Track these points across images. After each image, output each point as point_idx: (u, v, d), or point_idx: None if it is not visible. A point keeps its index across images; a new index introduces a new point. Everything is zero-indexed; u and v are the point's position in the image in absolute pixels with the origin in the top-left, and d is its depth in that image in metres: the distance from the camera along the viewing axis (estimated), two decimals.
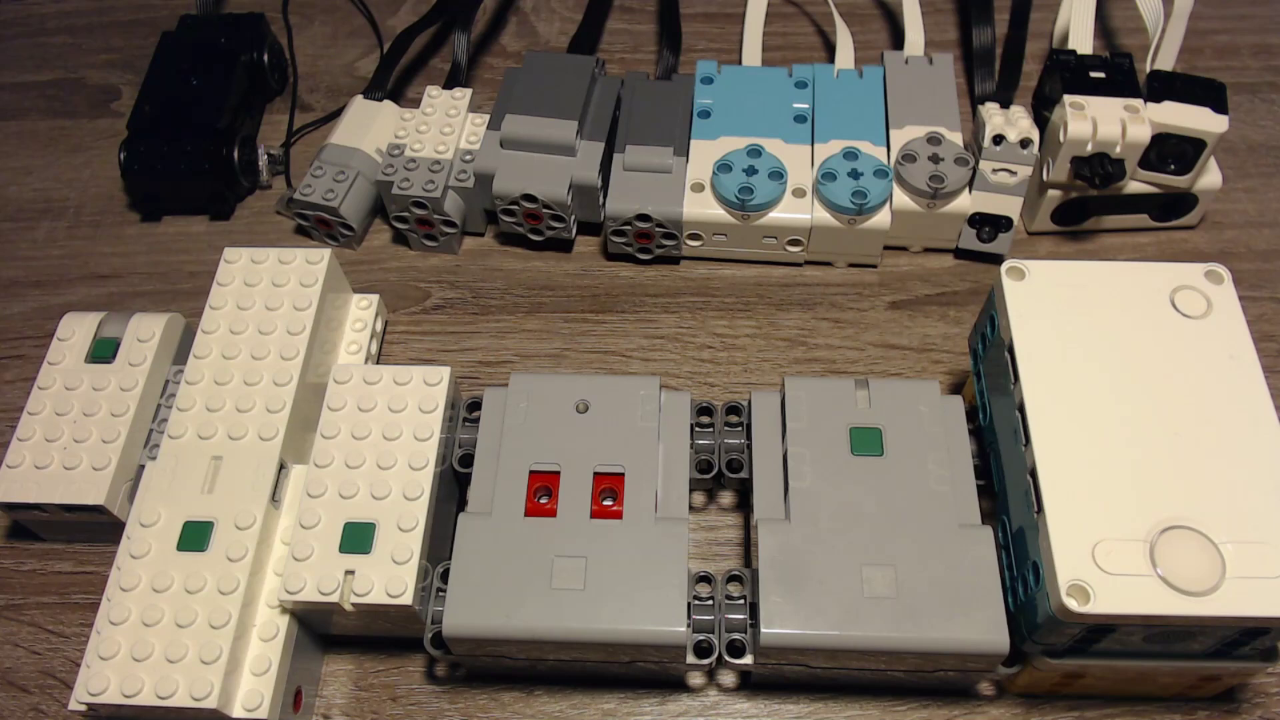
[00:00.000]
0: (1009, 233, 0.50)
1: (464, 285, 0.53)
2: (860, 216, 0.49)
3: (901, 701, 0.40)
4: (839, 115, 0.52)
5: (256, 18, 0.60)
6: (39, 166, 0.59)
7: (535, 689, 0.41)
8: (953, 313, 0.50)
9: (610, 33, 0.64)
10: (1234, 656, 0.35)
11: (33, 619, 0.43)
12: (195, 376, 0.42)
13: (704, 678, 0.41)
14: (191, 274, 0.54)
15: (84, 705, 0.36)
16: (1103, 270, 0.39)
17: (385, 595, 0.36)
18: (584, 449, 0.39)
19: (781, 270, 0.52)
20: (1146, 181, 0.50)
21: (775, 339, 0.50)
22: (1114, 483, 0.34)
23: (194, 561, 0.37)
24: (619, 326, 0.51)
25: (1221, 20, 0.63)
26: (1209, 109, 0.48)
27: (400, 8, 0.66)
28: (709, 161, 0.50)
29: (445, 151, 0.51)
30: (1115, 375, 0.36)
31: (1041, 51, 0.60)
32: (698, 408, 0.42)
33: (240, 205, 0.57)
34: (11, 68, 0.65)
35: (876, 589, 0.35)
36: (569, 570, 0.36)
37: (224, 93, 0.55)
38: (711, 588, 0.38)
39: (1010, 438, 0.37)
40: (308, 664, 0.40)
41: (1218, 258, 0.51)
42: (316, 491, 0.39)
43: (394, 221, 0.52)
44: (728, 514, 0.45)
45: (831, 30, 0.59)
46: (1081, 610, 0.31)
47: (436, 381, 0.41)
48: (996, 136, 0.49)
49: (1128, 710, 0.39)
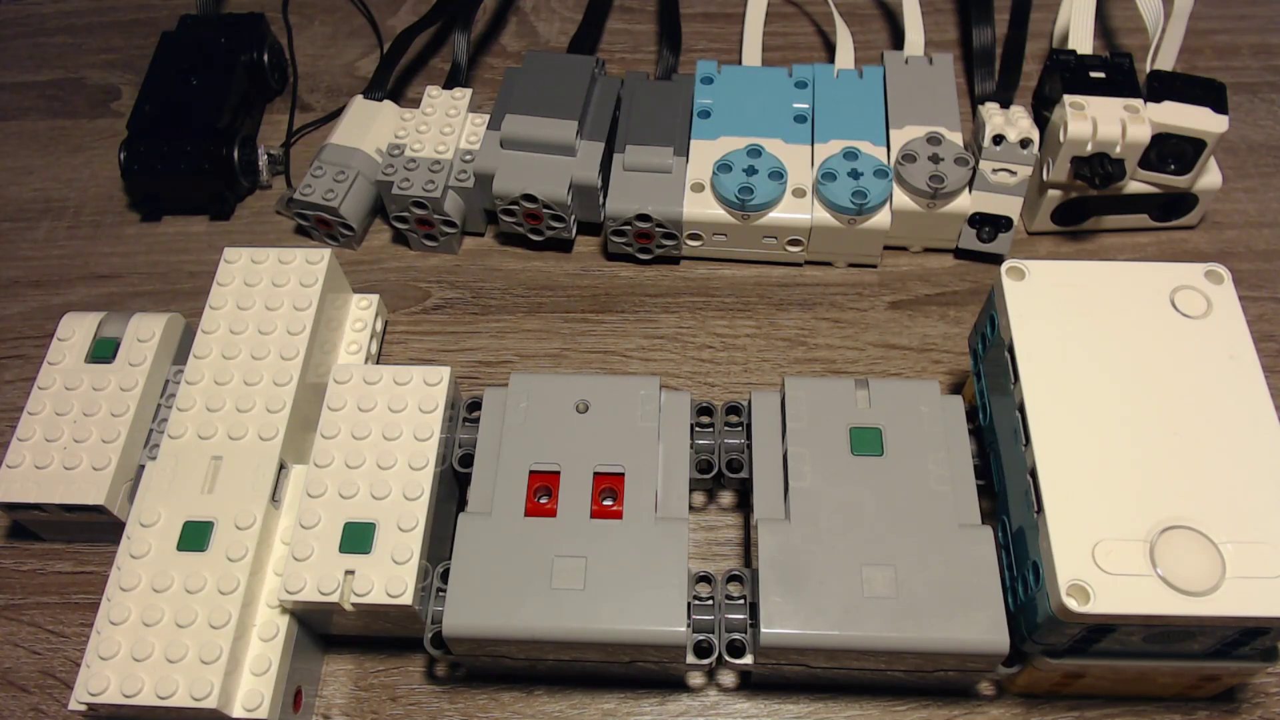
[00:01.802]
0: (1009, 233, 0.50)
1: (464, 285, 0.53)
2: (860, 216, 0.49)
3: (901, 701, 0.40)
4: (839, 115, 0.52)
5: (256, 18, 0.60)
6: (39, 166, 0.59)
7: (535, 689, 0.41)
8: (953, 313, 0.50)
9: (610, 33, 0.64)
10: (1234, 656, 0.35)
11: (33, 619, 0.43)
12: (195, 376, 0.42)
13: (704, 678, 0.41)
14: (191, 274, 0.54)
15: (84, 705, 0.36)
16: (1103, 270, 0.39)
17: (385, 595, 0.36)
18: (584, 449, 0.39)
19: (781, 270, 0.52)
20: (1146, 181, 0.50)
21: (775, 339, 0.50)
22: (1114, 483, 0.34)
23: (194, 561, 0.37)
24: (619, 326, 0.51)
25: (1221, 20, 0.63)
26: (1209, 109, 0.48)
27: (400, 8, 0.66)
28: (709, 161, 0.50)
29: (445, 151, 0.51)
30: (1115, 375, 0.36)
31: (1041, 51, 0.60)
32: (698, 408, 0.42)
33: (240, 205, 0.57)
34: (11, 68, 0.65)
35: (876, 589, 0.35)
36: (569, 570, 0.36)
37: (224, 93, 0.55)
38: (711, 588, 0.38)
39: (1010, 438, 0.37)
40: (308, 664, 0.40)
41: (1218, 258, 0.51)
42: (316, 491, 0.39)
43: (394, 221, 0.52)
44: (728, 514, 0.45)
45: (831, 30, 0.59)
46: (1081, 610, 0.31)
47: (436, 381, 0.41)
48: (996, 136, 0.49)
49: (1128, 710, 0.39)
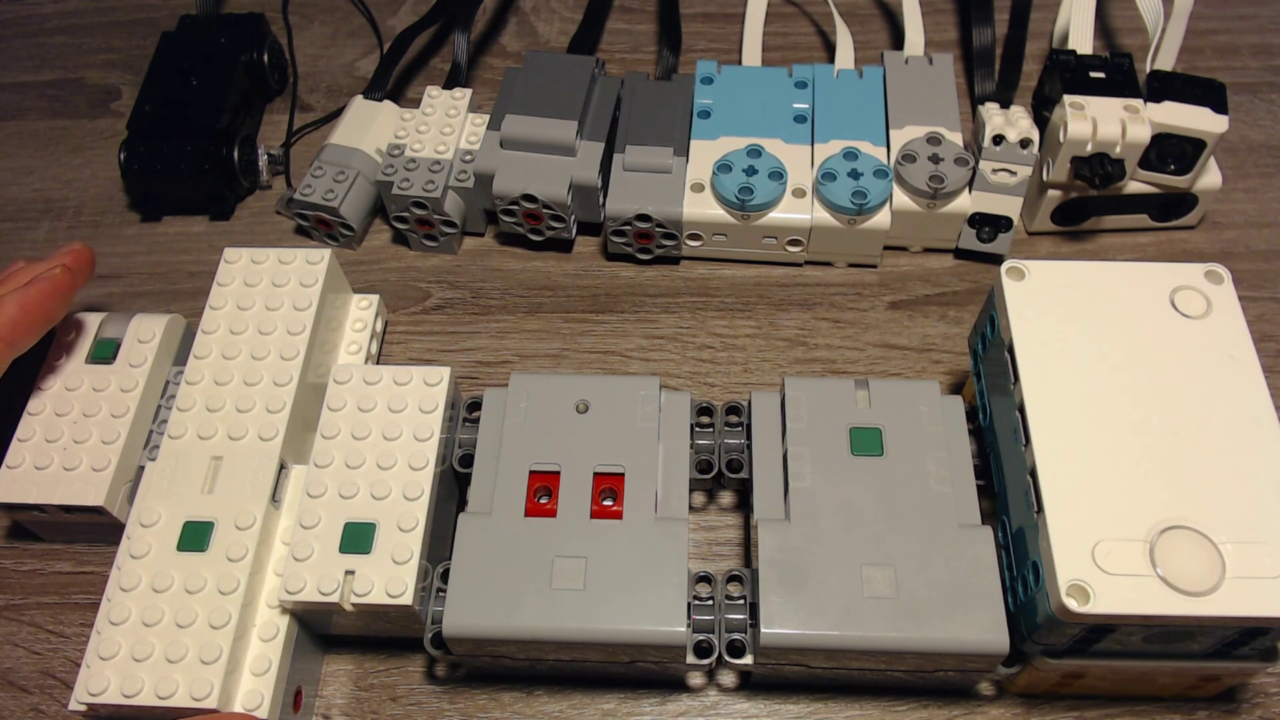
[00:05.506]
0: (1009, 233, 0.50)
1: (464, 285, 0.53)
2: (860, 216, 0.49)
3: (901, 701, 0.40)
4: (839, 115, 0.52)
5: (256, 18, 0.60)
6: (39, 166, 0.59)
7: (535, 689, 0.41)
8: (953, 313, 0.50)
9: (610, 33, 0.64)
10: (1234, 656, 0.35)
11: (33, 619, 0.43)
12: (195, 377, 0.42)
13: (704, 678, 0.41)
14: (191, 274, 0.54)
15: (84, 705, 0.36)
16: (1103, 270, 0.39)
17: (385, 595, 0.36)
18: (584, 449, 0.39)
19: (781, 270, 0.52)
20: (1146, 181, 0.50)
21: (775, 339, 0.50)
22: (1114, 483, 0.34)
23: (194, 561, 0.37)
24: (619, 326, 0.51)
25: (1221, 20, 0.63)
26: (1209, 109, 0.48)
27: (400, 8, 0.66)
28: (709, 161, 0.50)
29: (445, 151, 0.51)
30: (1115, 375, 0.36)
31: (1041, 51, 0.60)
32: (698, 408, 0.42)
33: (240, 205, 0.57)
34: (11, 68, 0.65)
35: (876, 589, 0.35)
36: (569, 570, 0.36)
37: (224, 93, 0.55)
38: (711, 588, 0.38)
39: (1010, 438, 0.37)
40: (308, 664, 0.40)
41: (1218, 258, 0.51)
42: (316, 491, 0.39)
43: (394, 221, 0.52)
44: (728, 514, 0.45)
45: (831, 30, 0.59)
46: (1081, 610, 0.31)
47: (436, 382, 0.41)
48: (996, 136, 0.49)
49: (1128, 710, 0.39)
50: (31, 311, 0.40)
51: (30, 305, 0.40)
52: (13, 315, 0.39)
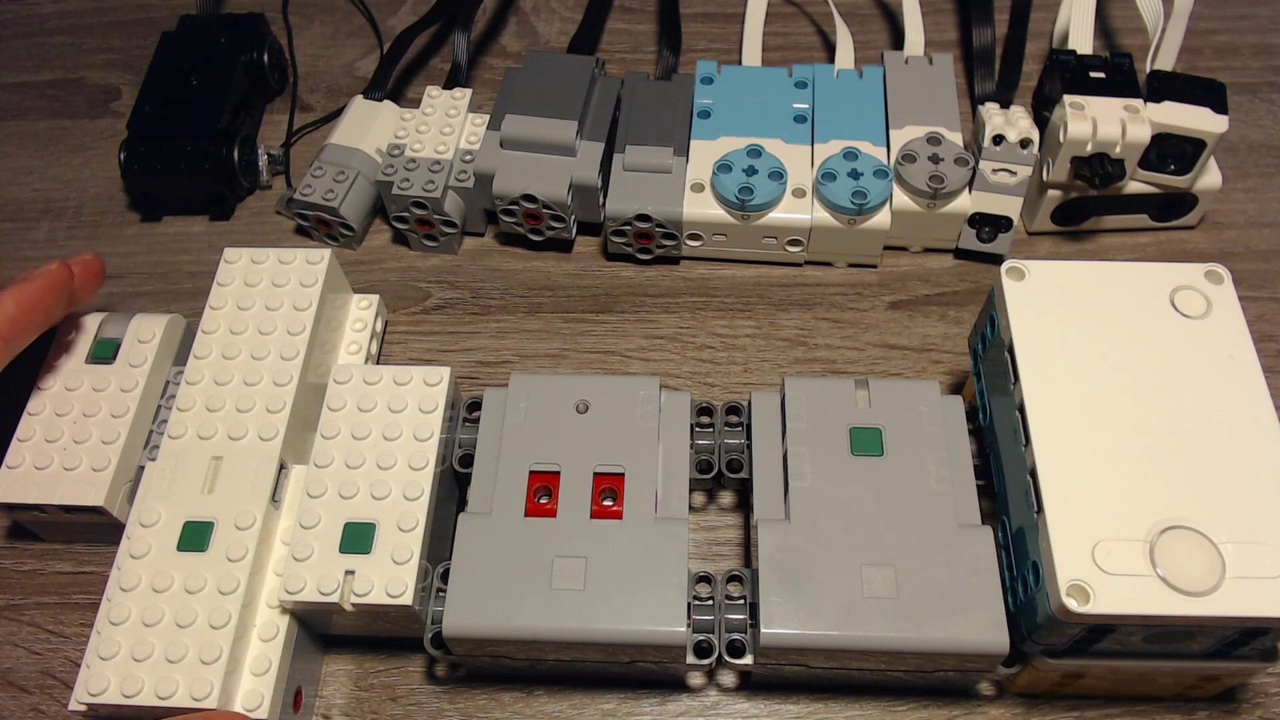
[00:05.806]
0: (1009, 233, 0.50)
1: (464, 285, 0.53)
2: (860, 216, 0.49)
3: (901, 701, 0.40)
4: (839, 115, 0.52)
5: (256, 18, 0.60)
6: (39, 166, 0.59)
7: (535, 689, 0.41)
8: (953, 313, 0.50)
9: (610, 33, 0.64)
10: (1234, 656, 0.35)
11: (33, 619, 0.43)
12: (195, 377, 0.42)
13: (704, 678, 0.41)
14: (191, 274, 0.54)
15: (84, 705, 0.36)
16: (1103, 270, 0.39)
17: (385, 595, 0.36)
18: (584, 449, 0.39)
19: (781, 270, 0.52)
20: (1146, 181, 0.50)
21: (775, 339, 0.50)
22: (1114, 483, 0.34)
23: (194, 561, 0.37)
24: (619, 326, 0.51)
25: (1221, 20, 0.63)
26: (1209, 109, 0.48)
27: (400, 8, 0.66)
28: (709, 161, 0.50)
29: (445, 151, 0.51)
30: (1115, 375, 0.36)
31: (1041, 51, 0.60)
32: (698, 408, 0.42)
33: (240, 205, 0.57)
34: (11, 68, 0.65)
35: (876, 589, 0.35)
36: (569, 570, 0.36)
37: (224, 93, 0.55)
38: (711, 588, 0.38)
39: (1010, 438, 0.37)
40: (308, 664, 0.40)
41: (1218, 258, 0.51)
42: (316, 492, 0.39)
43: (394, 221, 0.52)
44: (728, 514, 0.45)
45: (831, 30, 0.59)
46: (1081, 610, 0.31)
47: (436, 382, 0.41)
48: (996, 136, 0.49)
49: (1128, 710, 0.39)
50: (30, 309, 0.39)
51: (28, 302, 0.39)
52: (11, 312, 0.39)
